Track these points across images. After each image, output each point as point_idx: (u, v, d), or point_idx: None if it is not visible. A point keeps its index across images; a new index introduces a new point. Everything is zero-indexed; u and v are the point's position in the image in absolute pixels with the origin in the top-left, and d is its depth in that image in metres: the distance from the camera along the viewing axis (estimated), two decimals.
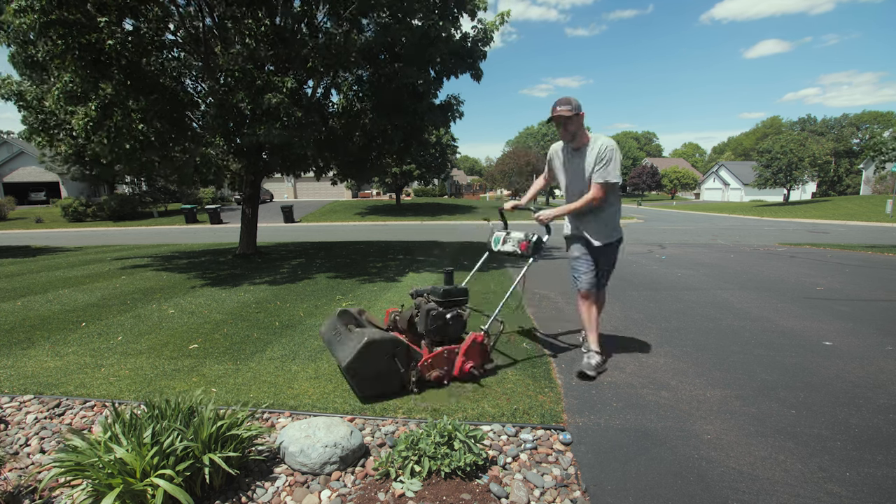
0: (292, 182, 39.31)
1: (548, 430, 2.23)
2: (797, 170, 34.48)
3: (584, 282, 2.97)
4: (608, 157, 2.72)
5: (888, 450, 2.03)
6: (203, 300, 5.15)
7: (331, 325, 2.86)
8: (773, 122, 76.48)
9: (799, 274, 6.65)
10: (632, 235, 14.76)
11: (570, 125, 2.77)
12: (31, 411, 2.45)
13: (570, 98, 2.75)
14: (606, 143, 2.74)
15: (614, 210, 2.95)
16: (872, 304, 4.74)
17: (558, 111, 2.73)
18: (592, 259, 2.99)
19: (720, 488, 1.78)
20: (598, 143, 2.76)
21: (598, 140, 2.78)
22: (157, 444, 1.64)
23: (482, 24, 8.19)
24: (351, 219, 24.67)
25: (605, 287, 3.15)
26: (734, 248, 10.48)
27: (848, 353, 3.29)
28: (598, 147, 2.75)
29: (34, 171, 31.80)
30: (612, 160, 2.72)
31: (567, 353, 3.35)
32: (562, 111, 2.72)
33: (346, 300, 5.08)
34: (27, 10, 5.25)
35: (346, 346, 2.54)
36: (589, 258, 2.99)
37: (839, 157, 53.10)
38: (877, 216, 21.36)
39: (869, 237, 13.56)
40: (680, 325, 4.04)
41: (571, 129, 2.78)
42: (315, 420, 2.04)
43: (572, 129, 2.78)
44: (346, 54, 6.74)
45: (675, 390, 2.68)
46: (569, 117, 2.73)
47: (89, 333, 3.88)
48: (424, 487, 1.76)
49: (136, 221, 24.67)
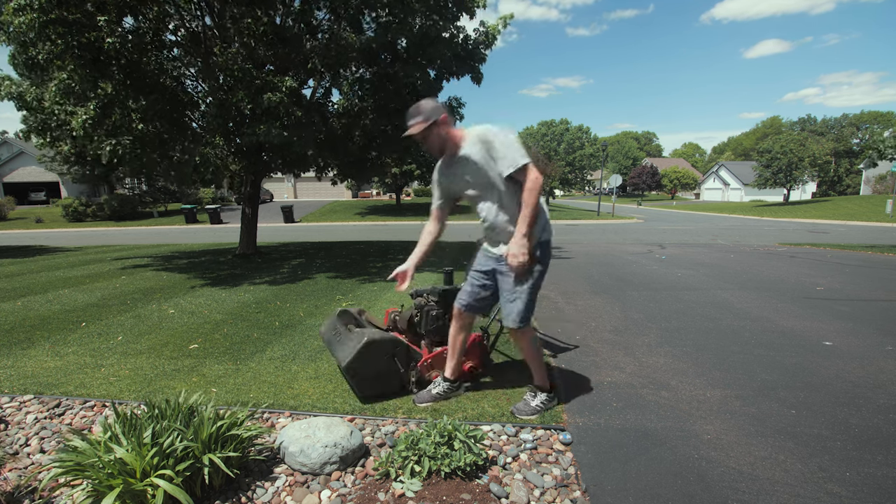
0: (292, 182, 39.30)
1: (548, 430, 2.23)
2: (797, 170, 34.50)
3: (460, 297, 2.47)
4: (496, 140, 2.15)
5: (888, 450, 2.03)
6: (203, 300, 5.15)
7: (331, 325, 2.85)
8: (773, 122, 76.48)
9: (799, 274, 6.65)
10: (632, 236, 14.77)
11: (430, 139, 2.21)
12: (31, 411, 2.45)
13: (420, 106, 2.18)
14: (481, 130, 2.19)
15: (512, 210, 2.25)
16: (872, 304, 4.74)
17: (409, 131, 2.18)
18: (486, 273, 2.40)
19: (720, 488, 1.78)
20: (473, 135, 2.21)
21: (472, 132, 2.23)
22: (157, 445, 1.64)
23: (484, 26, 8.19)
24: (351, 219, 24.67)
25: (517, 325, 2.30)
26: (734, 248, 10.48)
27: (848, 353, 3.29)
28: (476, 139, 2.19)
29: (34, 171, 31.79)
30: (503, 140, 2.14)
31: (567, 353, 3.35)
32: (412, 130, 2.17)
33: (346, 300, 5.08)
34: (26, 9, 5.24)
35: (345, 346, 2.53)
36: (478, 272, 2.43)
37: (839, 157, 53.09)
38: (877, 216, 21.37)
39: (869, 237, 13.56)
40: (680, 325, 4.04)
41: (434, 142, 2.22)
42: (315, 420, 2.04)
43: (435, 141, 2.22)
44: (345, 54, 6.74)
45: (675, 390, 2.68)
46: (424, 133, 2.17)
47: (89, 333, 3.88)
48: (424, 487, 1.76)
49: (136, 221, 24.67)
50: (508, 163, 2.12)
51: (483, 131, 2.18)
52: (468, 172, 2.24)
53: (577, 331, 3.89)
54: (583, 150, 46.95)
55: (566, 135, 49.86)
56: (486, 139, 2.16)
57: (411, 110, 2.20)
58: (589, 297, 5.20)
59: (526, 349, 2.40)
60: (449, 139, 2.23)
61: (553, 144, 49.83)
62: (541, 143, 49.81)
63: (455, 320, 2.47)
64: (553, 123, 51.93)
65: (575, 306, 4.78)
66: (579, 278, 6.45)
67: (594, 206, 36.90)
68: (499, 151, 2.14)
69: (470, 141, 2.21)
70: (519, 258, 2.14)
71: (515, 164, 2.10)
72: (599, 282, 6.20)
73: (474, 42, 8.09)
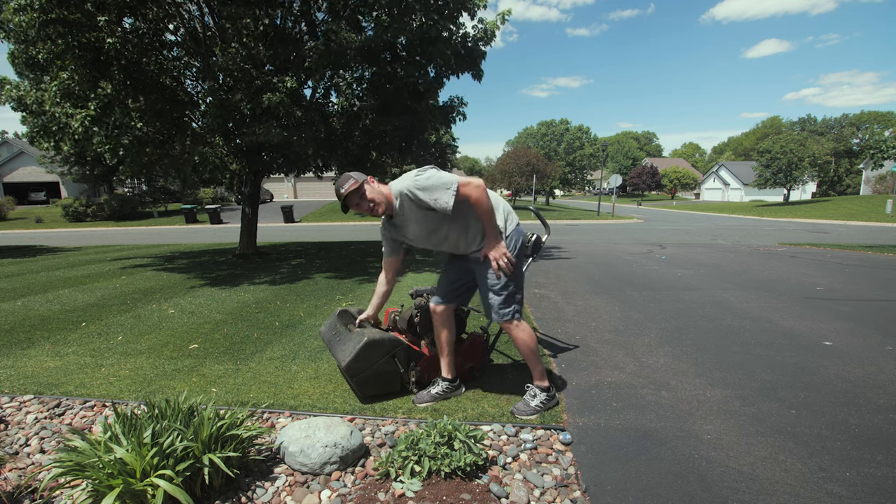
0: (292, 182, 39.29)
1: (548, 430, 2.23)
2: (797, 170, 34.50)
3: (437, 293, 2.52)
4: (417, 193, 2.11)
5: (888, 450, 2.03)
6: (203, 300, 5.15)
7: (331, 325, 2.84)
8: (773, 122, 76.49)
9: (799, 274, 6.65)
10: (632, 236, 14.77)
11: (362, 204, 2.20)
12: (31, 411, 2.45)
13: (345, 176, 2.21)
14: (399, 188, 2.17)
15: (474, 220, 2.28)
16: (872, 304, 4.74)
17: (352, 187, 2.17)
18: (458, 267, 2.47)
19: (720, 488, 1.78)
20: (396, 192, 2.20)
21: (396, 189, 2.20)
22: (157, 445, 1.64)
23: (483, 23, 8.18)
24: (351, 219, 24.66)
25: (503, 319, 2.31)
26: (734, 248, 10.48)
27: (848, 353, 3.29)
28: (401, 198, 2.18)
29: (34, 171, 31.79)
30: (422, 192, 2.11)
31: (567, 352, 3.35)
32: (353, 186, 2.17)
33: (346, 300, 5.08)
34: (26, 9, 5.25)
35: (345, 346, 2.53)
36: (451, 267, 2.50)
37: (839, 157, 53.09)
38: (877, 216, 21.38)
39: (869, 237, 13.56)
40: (680, 325, 4.04)
41: (365, 206, 2.20)
42: (315, 420, 2.04)
43: (366, 205, 2.20)
44: (345, 54, 6.74)
45: (675, 390, 2.68)
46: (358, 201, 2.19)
47: (89, 333, 3.88)
48: (424, 487, 1.76)
49: (136, 221, 24.67)
50: (444, 200, 2.08)
51: (399, 190, 2.17)
52: (417, 217, 2.23)
53: (577, 331, 3.89)
54: (583, 150, 46.97)
55: (566, 135, 49.87)
56: (407, 196, 2.15)
57: (337, 184, 2.22)
58: (589, 297, 5.20)
59: (521, 345, 2.39)
60: (380, 197, 2.19)
61: (553, 144, 49.84)
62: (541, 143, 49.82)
63: (434, 319, 2.49)
64: (553, 123, 51.93)
65: (575, 306, 4.78)
66: (579, 278, 6.45)
67: (594, 206, 36.91)
68: (425, 199, 2.11)
69: (397, 202, 2.21)
70: (501, 260, 2.22)
71: (450, 196, 2.08)
72: (599, 282, 6.20)
73: (473, 39, 8.09)
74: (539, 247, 3.03)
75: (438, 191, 2.10)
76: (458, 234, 2.29)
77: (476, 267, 2.37)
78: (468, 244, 2.32)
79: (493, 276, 2.28)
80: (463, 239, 2.31)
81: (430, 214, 2.18)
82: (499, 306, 2.30)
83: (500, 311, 2.30)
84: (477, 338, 2.79)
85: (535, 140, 51.20)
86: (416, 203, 2.15)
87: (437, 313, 2.47)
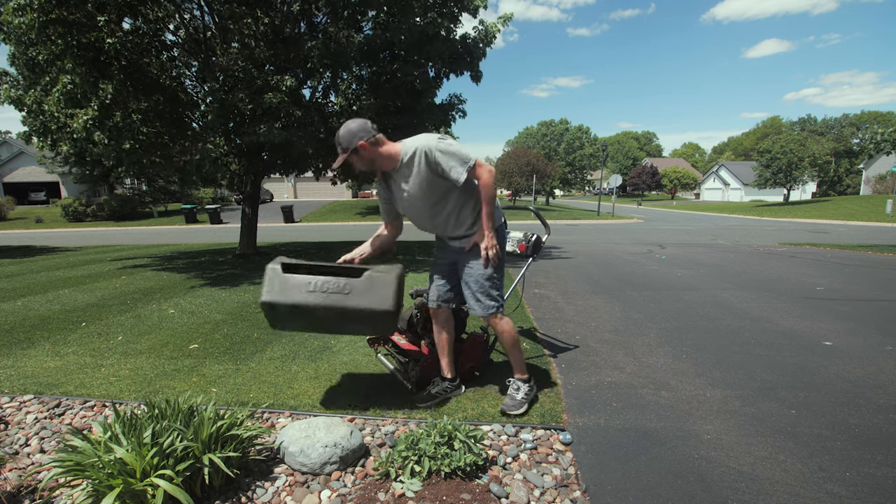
0: (292, 182, 39.29)
1: (548, 430, 2.23)
2: (797, 170, 34.51)
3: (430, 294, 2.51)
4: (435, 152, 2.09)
5: (888, 450, 2.03)
6: (203, 300, 5.15)
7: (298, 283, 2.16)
8: (774, 122, 76.52)
9: (799, 274, 6.65)
10: (632, 236, 14.76)
11: (359, 165, 2.18)
12: (31, 411, 2.45)
13: (338, 135, 2.14)
14: (415, 146, 2.13)
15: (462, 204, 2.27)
16: (872, 304, 4.74)
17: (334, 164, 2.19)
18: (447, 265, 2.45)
19: (720, 488, 1.78)
20: (409, 151, 2.14)
21: (408, 148, 2.16)
22: (157, 445, 1.64)
23: (483, 25, 8.19)
24: (351, 219, 24.67)
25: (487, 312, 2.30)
26: (734, 248, 10.48)
27: (848, 353, 3.29)
28: (413, 158, 2.13)
29: (34, 171, 31.78)
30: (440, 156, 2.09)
31: (567, 352, 3.35)
32: (335, 164, 2.24)
33: None
34: (26, 9, 5.24)
35: (372, 289, 2.13)
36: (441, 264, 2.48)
37: (839, 157, 53.09)
38: (877, 216, 21.38)
39: (869, 237, 13.56)
40: (680, 325, 4.04)
41: (363, 167, 2.19)
42: (315, 420, 2.04)
43: (363, 167, 2.19)
44: (345, 54, 6.74)
45: (675, 390, 2.68)
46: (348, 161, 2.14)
47: (89, 333, 3.88)
48: (424, 487, 1.76)
49: (136, 221, 24.67)
50: (458, 171, 2.09)
51: (419, 146, 2.12)
52: (413, 182, 2.17)
53: (577, 331, 3.89)
54: (582, 150, 46.99)
55: (566, 135, 49.89)
56: (425, 153, 2.10)
57: (336, 137, 2.15)
58: (589, 297, 5.20)
59: (507, 338, 2.39)
60: (380, 156, 2.16)
61: (553, 144, 49.85)
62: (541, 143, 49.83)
63: (433, 319, 2.50)
64: (553, 123, 51.94)
65: (575, 306, 4.78)
66: (579, 278, 6.45)
67: (594, 206, 36.90)
68: (442, 164, 2.09)
69: (407, 157, 2.15)
70: (491, 250, 2.24)
71: (465, 170, 2.08)
72: (599, 282, 6.19)
73: (473, 40, 8.09)
74: (539, 247, 3.03)
75: (455, 160, 2.09)
76: (451, 212, 2.25)
77: (460, 260, 2.34)
78: (455, 226, 2.29)
79: (479, 269, 2.27)
80: (454, 219, 2.27)
81: (437, 182, 2.15)
82: (485, 299, 2.29)
83: (485, 304, 2.29)
84: (477, 338, 2.79)
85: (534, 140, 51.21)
86: (431, 165, 2.10)
87: (436, 313, 2.48)
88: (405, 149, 2.16)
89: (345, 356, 3.23)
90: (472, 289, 2.31)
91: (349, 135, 2.11)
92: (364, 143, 2.12)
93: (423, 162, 2.11)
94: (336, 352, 3.33)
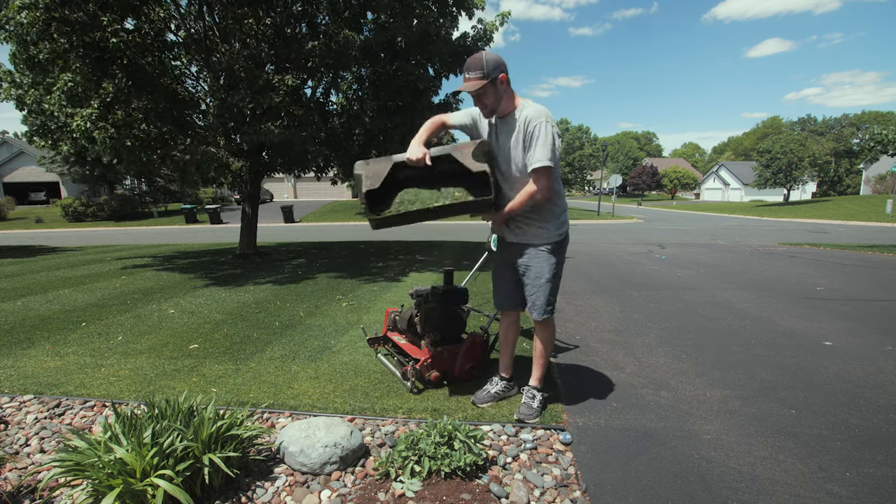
0: (292, 182, 39.28)
1: (548, 430, 2.23)
2: (797, 170, 34.52)
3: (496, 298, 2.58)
4: (536, 133, 2.04)
5: (888, 450, 2.03)
6: (203, 300, 5.15)
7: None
8: (774, 122, 76.55)
9: (799, 274, 6.65)
10: (632, 236, 14.76)
11: (484, 98, 2.09)
12: (31, 411, 2.45)
13: (480, 57, 2.04)
14: (531, 113, 2.07)
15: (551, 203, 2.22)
16: (872, 304, 4.74)
17: (465, 84, 2.07)
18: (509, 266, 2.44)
19: (720, 488, 1.78)
20: (525, 112, 2.09)
21: (525, 108, 2.10)
22: (157, 445, 1.64)
23: (482, 23, 8.19)
24: (351, 219, 24.66)
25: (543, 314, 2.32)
26: (734, 248, 10.48)
27: (848, 353, 3.29)
28: (522, 118, 2.09)
29: (34, 171, 31.76)
30: (539, 136, 2.04)
31: (567, 352, 3.35)
32: (468, 84, 2.06)
33: (347, 300, 5.07)
34: (31, 8, 5.25)
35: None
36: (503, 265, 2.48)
37: (839, 157, 53.08)
38: (877, 216, 21.38)
39: (869, 237, 13.56)
40: (680, 325, 4.04)
41: (487, 101, 2.10)
42: (315, 420, 2.04)
43: (488, 101, 2.10)
44: (346, 54, 6.74)
45: (675, 390, 2.68)
46: (480, 90, 2.06)
47: (89, 333, 3.88)
48: (424, 487, 1.76)
49: (136, 221, 24.66)
50: (538, 157, 2.05)
51: (533, 107, 2.09)
52: (505, 141, 2.17)
53: (577, 331, 3.89)
54: (582, 150, 47.01)
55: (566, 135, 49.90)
56: (534, 116, 2.06)
57: (470, 62, 2.05)
58: (589, 297, 5.20)
59: (545, 343, 2.42)
60: (505, 97, 2.11)
61: None
62: None
63: (502, 318, 2.60)
64: None
65: (575, 306, 4.78)
66: (579, 278, 6.45)
67: (594, 206, 36.88)
68: (535, 137, 2.05)
69: (520, 114, 2.11)
70: (498, 221, 2.30)
71: (544, 161, 2.05)
72: (599, 282, 6.20)
73: (472, 39, 8.09)
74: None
75: (546, 148, 2.05)
76: (512, 185, 2.22)
77: (522, 263, 2.33)
78: (505, 198, 2.25)
79: (540, 272, 2.28)
80: (511, 190, 2.23)
81: (519, 150, 2.12)
82: (543, 305, 2.31)
83: (543, 308, 2.31)
84: (477, 338, 2.79)
85: None
86: (529, 128, 2.06)
87: (504, 315, 2.58)
88: (524, 102, 2.14)
89: (345, 356, 3.23)
90: (534, 291, 2.32)
91: (494, 63, 2.04)
92: (505, 76, 2.08)
93: (527, 121, 2.07)
94: (336, 352, 3.33)
